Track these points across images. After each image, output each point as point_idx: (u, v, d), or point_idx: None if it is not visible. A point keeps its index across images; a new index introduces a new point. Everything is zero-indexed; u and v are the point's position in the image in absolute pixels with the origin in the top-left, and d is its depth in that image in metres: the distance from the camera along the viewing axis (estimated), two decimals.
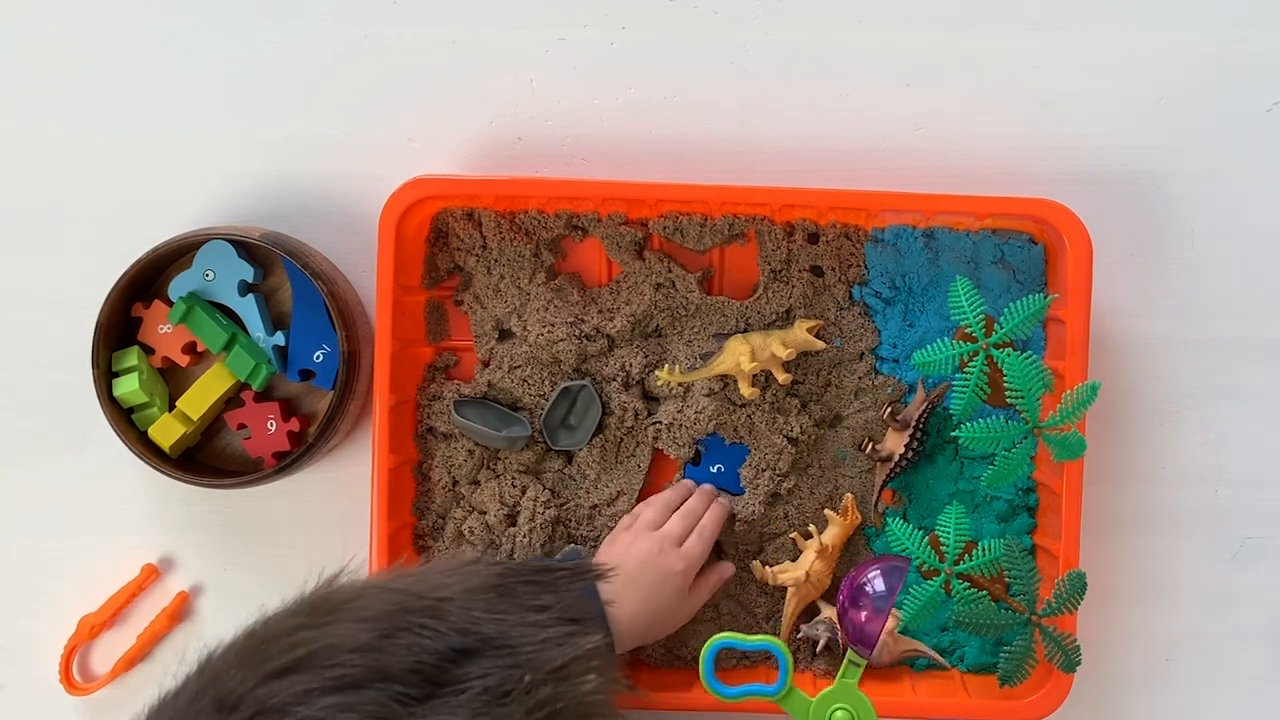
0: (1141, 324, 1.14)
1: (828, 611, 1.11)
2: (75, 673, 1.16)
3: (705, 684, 0.98)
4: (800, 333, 1.09)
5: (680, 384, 1.11)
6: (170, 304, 1.11)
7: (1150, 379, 1.15)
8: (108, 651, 1.17)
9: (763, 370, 1.10)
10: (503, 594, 0.75)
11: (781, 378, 1.09)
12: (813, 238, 1.12)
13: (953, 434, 1.03)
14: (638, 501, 1.12)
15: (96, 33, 1.15)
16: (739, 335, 1.09)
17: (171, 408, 1.11)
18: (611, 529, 1.11)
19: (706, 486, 1.11)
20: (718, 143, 1.14)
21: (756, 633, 1.13)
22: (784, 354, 1.08)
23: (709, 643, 0.98)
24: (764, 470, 1.12)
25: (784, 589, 1.11)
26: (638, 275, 1.12)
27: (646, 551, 1.03)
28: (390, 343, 1.08)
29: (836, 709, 0.98)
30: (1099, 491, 1.12)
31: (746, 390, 1.09)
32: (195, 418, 1.11)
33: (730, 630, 1.13)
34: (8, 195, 1.16)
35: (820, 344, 1.10)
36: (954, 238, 1.11)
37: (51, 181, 1.16)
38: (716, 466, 1.13)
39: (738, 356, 1.08)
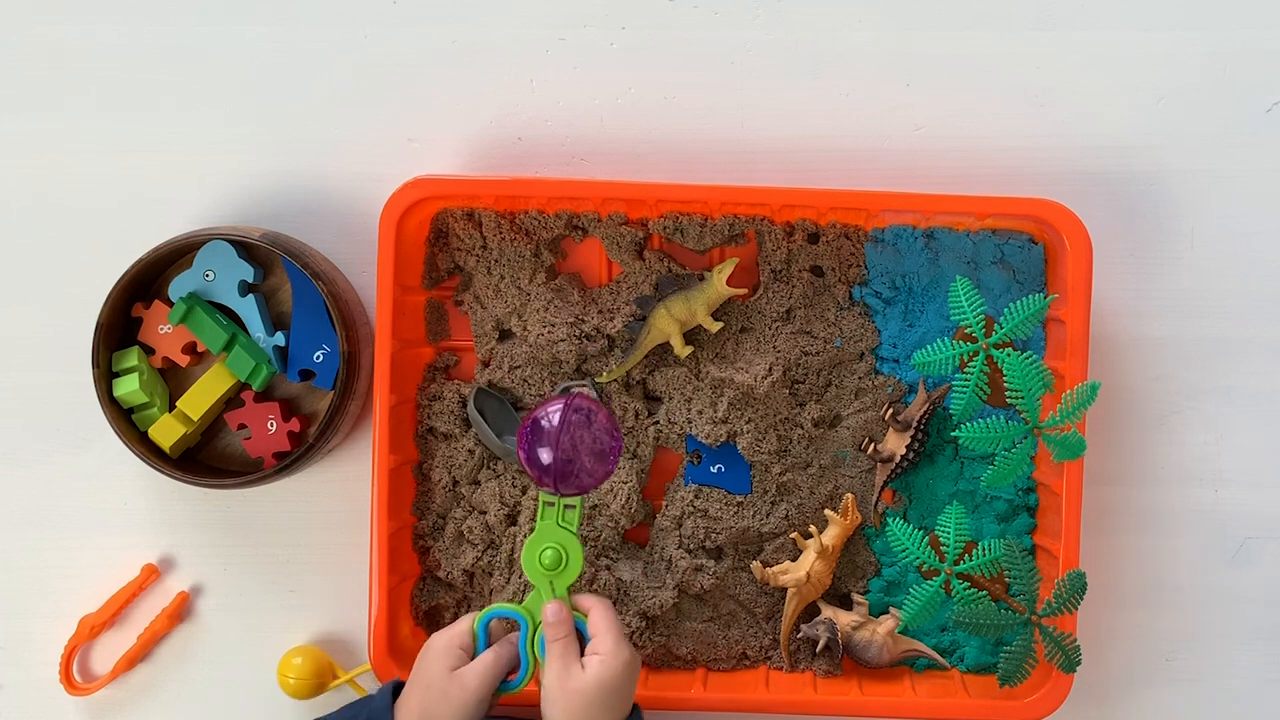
0: (1141, 324, 1.14)
1: (828, 611, 1.11)
2: (75, 673, 1.16)
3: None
4: (720, 287, 1.09)
5: (624, 374, 1.12)
6: (170, 304, 1.11)
7: (1150, 379, 1.15)
8: (108, 651, 1.17)
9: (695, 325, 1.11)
10: None
11: (713, 328, 1.10)
12: (813, 238, 1.12)
13: (953, 434, 1.03)
14: (644, 500, 1.12)
15: (96, 32, 1.15)
16: (660, 307, 1.09)
17: (171, 408, 1.11)
18: (613, 529, 1.12)
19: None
20: (718, 143, 1.14)
21: (756, 633, 1.13)
22: (711, 326, 1.10)
23: (479, 616, 0.99)
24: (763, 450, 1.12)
25: (784, 588, 1.11)
26: (638, 275, 1.12)
27: (429, 672, 0.99)
28: (390, 343, 1.08)
29: (545, 549, 0.99)
30: (1099, 491, 1.12)
31: (681, 351, 1.11)
32: (195, 418, 1.11)
33: (730, 628, 1.13)
34: (8, 195, 1.16)
35: (741, 290, 1.10)
36: (954, 238, 1.11)
37: (52, 181, 1.16)
38: (717, 467, 1.12)
39: (666, 330, 1.10)
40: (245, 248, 1.11)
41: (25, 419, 1.16)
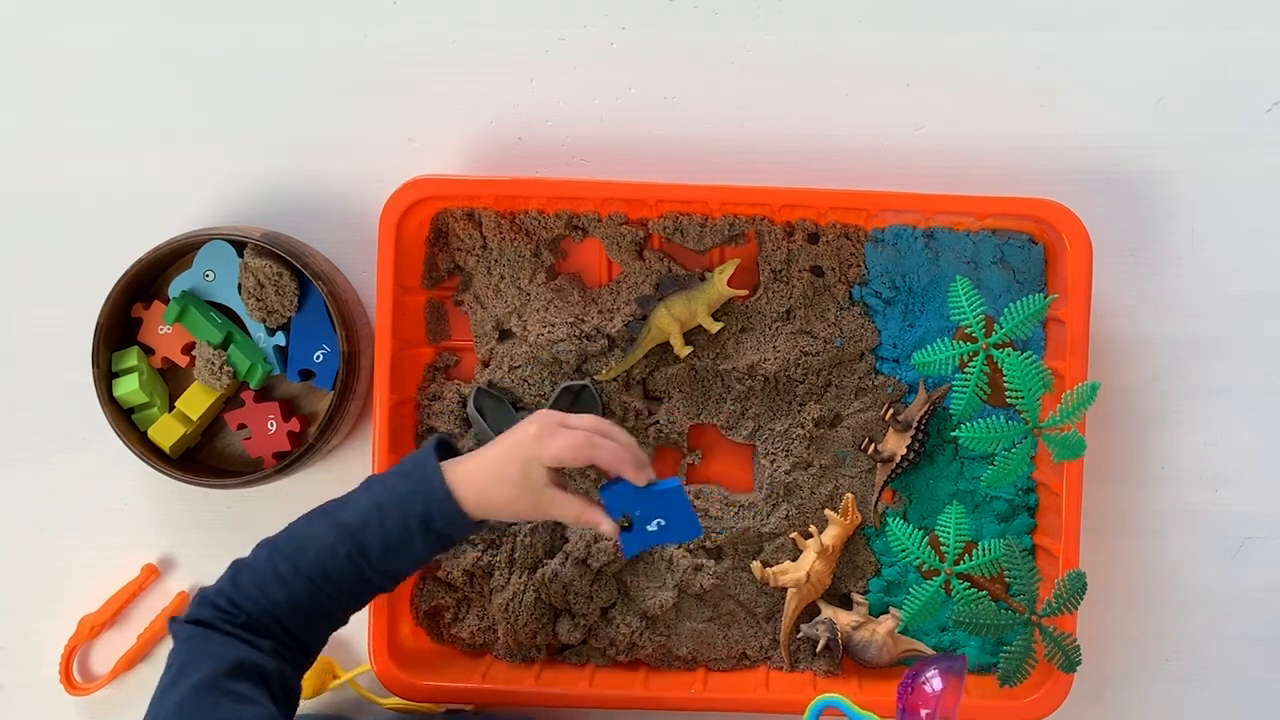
0: (1142, 324, 1.14)
1: (828, 611, 1.11)
2: (75, 673, 1.16)
3: None
4: (721, 287, 1.10)
5: (623, 372, 1.12)
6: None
7: (1150, 379, 1.15)
8: (108, 651, 1.17)
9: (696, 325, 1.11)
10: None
11: (713, 328, 1.10)
12: (813, 238, 1.12)
13: (953, 434, 1.03)
14: None
15: (96, 33, 1.15)
16: (661, 307, 1.10)
17: (171, 408, 1.11)
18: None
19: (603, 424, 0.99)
20: (718, 143, 1.14)
21: (755, 633, 1.13)
22: (711, 326, 1.10)
23: (815, 700, 0.96)
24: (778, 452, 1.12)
25: (784, 588, 1.11)
26: (638, 275, 1.12)
27: (521, 427, 0.96)
28: (390, 343, 1.08)
29: None
30: (1099, 491, 1.12)
31: (681, 350, 1.11)
32: (195, 418, 1.11)
33: (730, 628, 1.13)
34: (8, 196, 1.16)
35: (742, 291, 1.10)
36: (954, 238, 1.11)
37: (52, 182, 1.16)
38: (655, 523, 0.98)
39: (666, 329, 1.10)
40: (245, 248, 1.11)
41: (25, 419, 1.16)
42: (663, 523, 0.97)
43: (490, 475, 0.94)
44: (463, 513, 0.93)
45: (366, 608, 1.09)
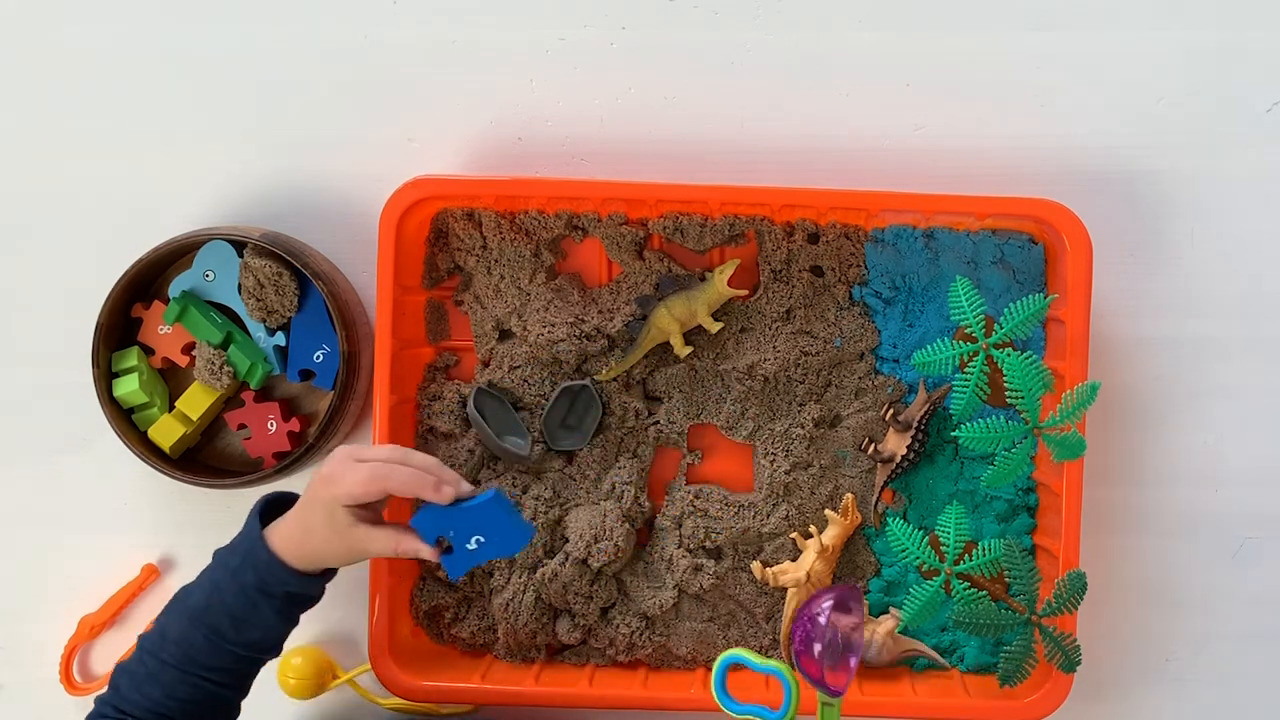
0: (1142, 324, 1.14)
1: (845, 623, 1.11)
2: (75, 673, 1.16)
3: (715, 696, 0.98)
4: (721, 287, 1.10)
5: (623, 372, 1.12)
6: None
7: (1150, 379, 1.15)
8: (108, 651, 1.17)
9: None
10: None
11: (713, 328, 1.10)
12: (813, 238, 1.12)
13: (953, 434, 1.03)
14: (645, 500, 1.12)
15: (96, 33, 1.15)
16: (661, 307, 1.10)
17: (171, 408, 1.11)
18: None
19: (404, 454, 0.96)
20: (718, 143, 1.14)
21: (756, 633, 1.13)
22: (711, 326, 1.10)
23: (721, 656, 0.98)
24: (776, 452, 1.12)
25: (784, 588, 1.11)
26: (638, 275, 1.12)
27: (316, 471, 0.95)
28: (390, 343, 1.08)
29: None
30: (1099, 491, 1.12)
31: (680, 350, 1.11)
32: (195, 418, 1.11)
33: (726, 629, 1.13)
34: (8, 196, 1.16)
35: (742, 291, 1.10)
36: (954, 238, 1.11)
37: (52, 182, 1.16)
38: (475, 540, 0.95)
39: (666, 329, 1.10)
40: (245, 248, 1.11)
41: (25, 419, 1.16)
42: (482, 539, 0.95)
43: (300, 528, 0.93)
44: (294, 571, 0.92)
45: (366, 607, 1.09)
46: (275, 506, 0.96)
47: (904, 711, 1.07)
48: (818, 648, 0.96)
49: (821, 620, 0.96)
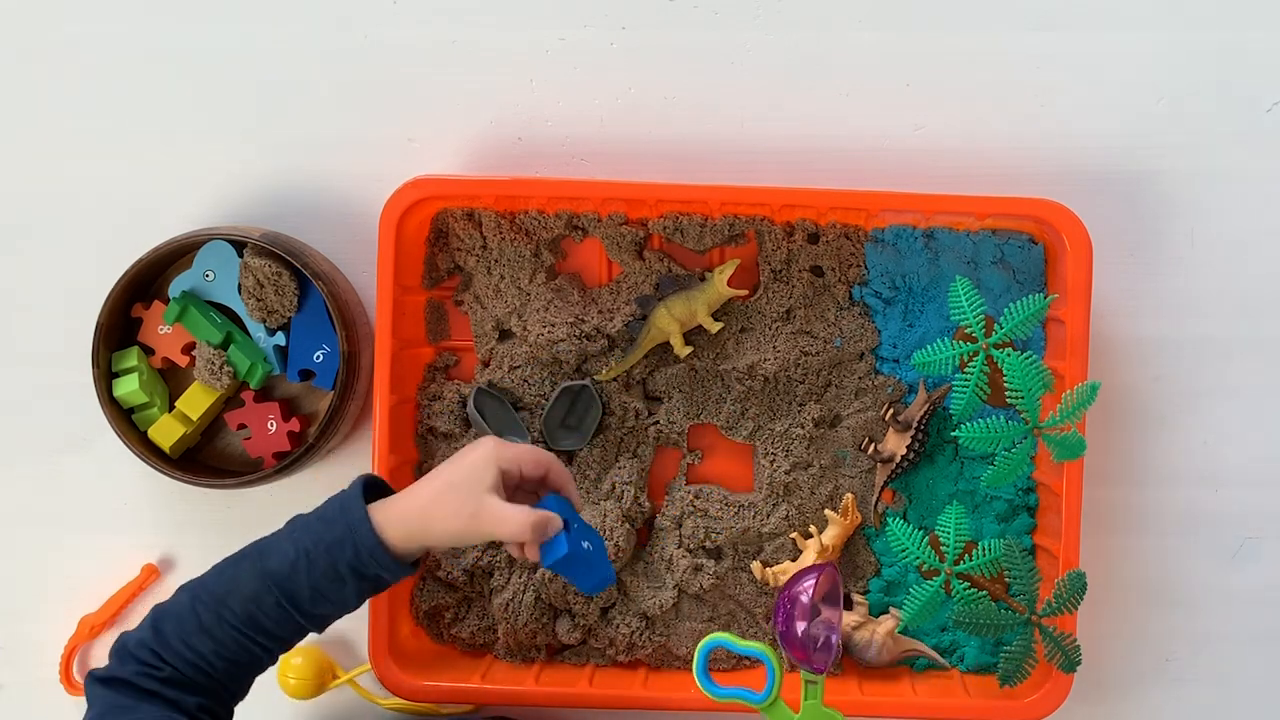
0: (1141, 324, 1.14)
1: (828, 612, 1.11)
2: (75, 673, 1.16)
3: (697, 679, 0.98)
4: (721, 287, 1.10)
5: (623, 372, 1.12)
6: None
7: (1150, 379, 1.15)
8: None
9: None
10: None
11: (713, 328, 1.10)
12: (813, 238, 1.12)
13: (953, 434, 1.03)
14: (645, 500, 1.12)
15: (96, 33, 1.15)
16: (661, 307, 1.10)
17: (171, 408, 1.11)
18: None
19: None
20: (718, 143, 1.14)
21: (755, 633, 1.13)
22: (711, 326, 1.10)
23: (703, 641, 0.98)
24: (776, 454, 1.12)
25: None
26: (638, 275, 1.12)
27: (469, 448, 0.94)
28: (390, 343, 1.08)
29: None
30: (1099, 491, 1.12)
31: (680, 350, 1.11)
32: (195, 418, 1.11)
33: (726, 630, 1.13)
34: (8, 196, 1.16)
35: (742, 291, 1.10)
36: (954, 238, 1.11)
37: (52, 182, 1.16)
38: (586, 544, 0.96)
39: (666, 329, 1.10)
40: (245, 248, 1.11)
41: (25, 419, 1.16)
42: (590, 547, 0.94)
43: (424, 500, 0.91)
44: (393, 558, 0.90)
45: (365, 607, 1.09)
46: (372, 489, 0.94)
47: (904, 711, 1.07)
48: (801, 626, 0.96)
49: (804, 599, 0.96)
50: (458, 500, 0.91)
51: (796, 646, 0.96)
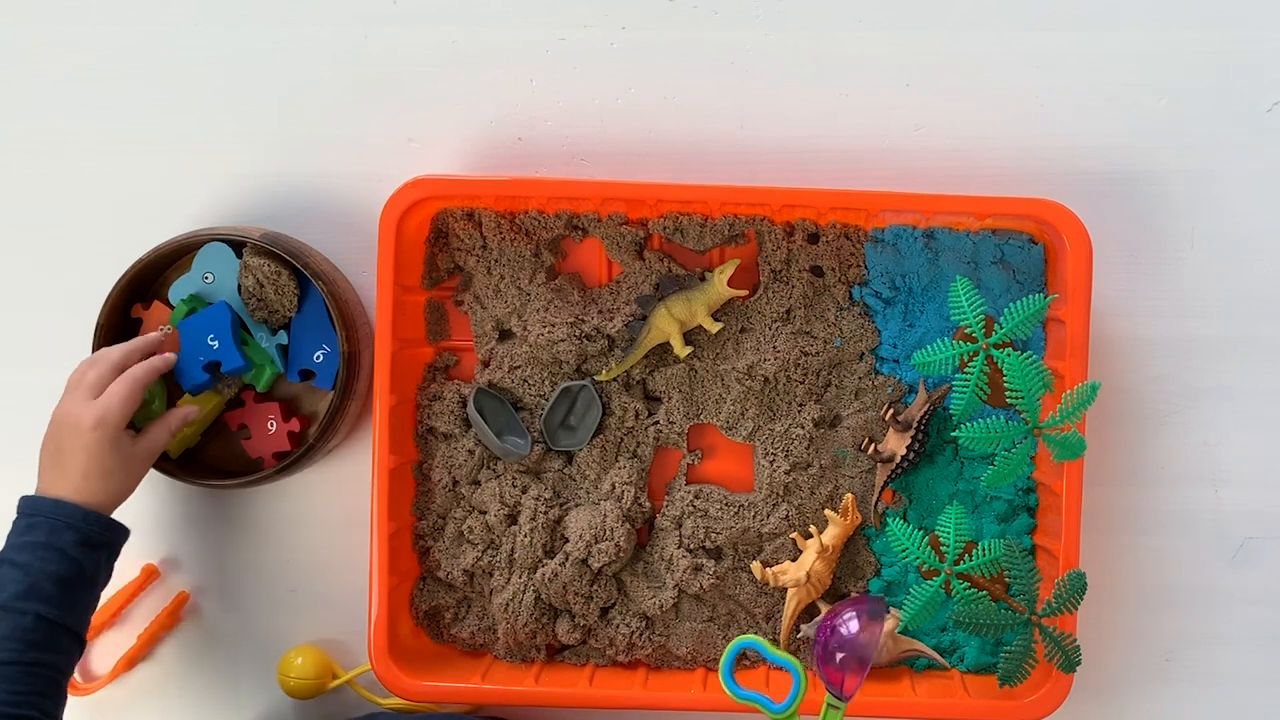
0: (1141, 324, 1.14)
1: (865, 641, 1.10)
2: (75, 673, 1.16)
3: (721, 676, 0.98)
4: (721, 287, 1.10)
5: (623, 373, 1.12)
6: (170, 305, 1.11)
7: (1150, 379, 1.15)
8: (108, 651, 1.17)
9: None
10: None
11: (713, 328, 1.10)
12: (813, 238, 1.12)
13: (953, 434, 1.03)
14: (645, 500, 1.12)
15: (95, 33, 1.15)
16: (661, 307, 1.10)
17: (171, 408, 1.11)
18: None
19: (153, 336, 1.08)
20: (718, 143, 1.14)
21: (754, 633, 1.13)
22: (711, 326, 1.10)
23: (736, 640, 0.98)
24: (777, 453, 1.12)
25: (784, 588, 1.11)
26: (638, 275, 1.12)
27: (61, 415, 1.01)
28: (390, 343, 1.08)
29: None
30: (1099, 491, 1.12)
31: (680, 351, 1.10)
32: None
33: (726, 630, 1.13)
34: (8, 195, 1.16)
35: (742, 291, 1.10)
36: (954, 238, 1.11)
37: (52, 181, 1.16)
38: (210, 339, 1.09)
39: (666, 330, 1.10)
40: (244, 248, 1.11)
41: (26, 419, 1.16)
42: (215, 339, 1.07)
43: (97, 473, 0.98)
44: (109, 517, 0.99)
45: (366, 607, 1.09)
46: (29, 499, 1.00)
47: (904, 711, 1.07)
48: (840, 656, 0.98)
49: (844, 631, 0.98)
50: (124, 468, 1.00)
51: (834, 674, 0.98)
